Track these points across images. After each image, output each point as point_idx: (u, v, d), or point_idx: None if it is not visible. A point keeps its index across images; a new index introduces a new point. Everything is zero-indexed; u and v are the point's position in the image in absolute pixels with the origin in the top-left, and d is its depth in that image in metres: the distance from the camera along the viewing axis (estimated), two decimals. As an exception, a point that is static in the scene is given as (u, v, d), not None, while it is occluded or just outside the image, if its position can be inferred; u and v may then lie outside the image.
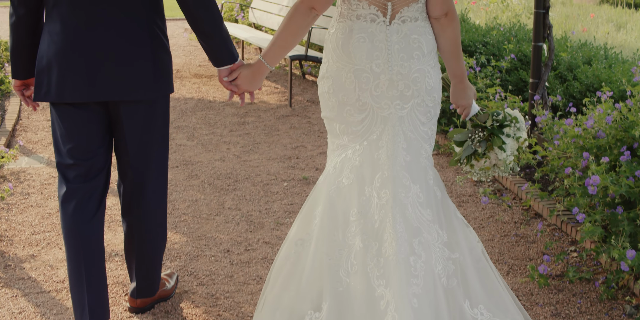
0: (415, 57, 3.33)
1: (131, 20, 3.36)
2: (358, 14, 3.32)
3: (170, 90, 3.59)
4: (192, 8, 3.38)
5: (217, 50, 3.47)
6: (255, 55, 12.48)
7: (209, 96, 9.36)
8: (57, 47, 3.32)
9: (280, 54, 3.43)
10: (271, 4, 11.14)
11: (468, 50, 8.56)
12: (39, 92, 3.40)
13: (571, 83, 7.07)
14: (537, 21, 6.18)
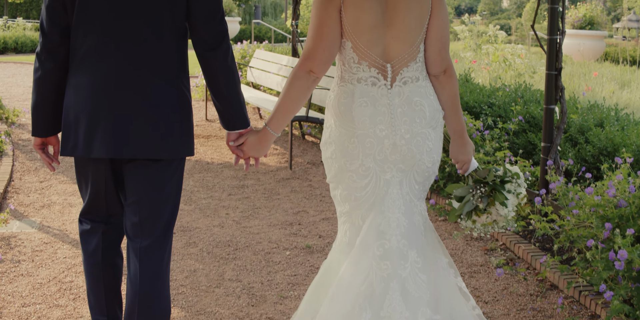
0: (418, 121, 3.34)
1: (161, 78, 3.36)
2: (359, 77, 3.33)
3: (191, 152, 3.57)
4: (216, 72, 3.41)
5: (232, 114, 3.48)
6: (254, 115, 12.36)
7: (206, 157, 9.14)
8: (86, 102, 3.31)
9: (285, 120, 3.43)
10: (270, 63, 11.03)
11: (473, 112, 8.38)
12: (66, 146, 3.39)
13: (583, 146, 6.84)
14: (549, 83, 5.99)
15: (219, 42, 3.39)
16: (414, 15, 3.32)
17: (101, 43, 3.31)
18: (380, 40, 3.31)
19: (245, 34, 39.22)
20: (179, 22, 3.38)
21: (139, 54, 3.33)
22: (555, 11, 5.85)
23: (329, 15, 3.28)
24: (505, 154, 6.59)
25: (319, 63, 3.30)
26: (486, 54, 14.42)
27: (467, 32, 23.60)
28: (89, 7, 3.29)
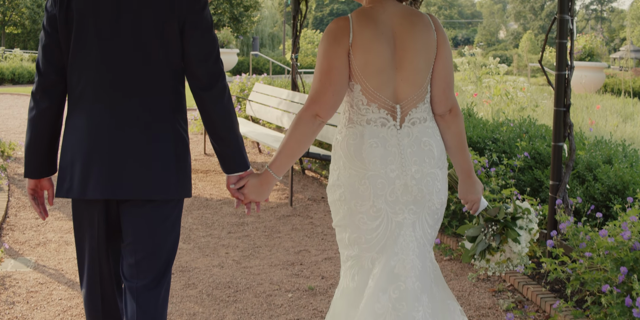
0: (427, 161, 3.34)
1: (157, 119, 3.32)
2: (368, 118, 3.32)
3: (188, 193, 3.49)
4: (213, 112, 3.37)
5: (230, 157, 3.44)
6: (253, 149, 12.23)
7: (205, 193, 8.98)
8: (82, 143, 3.28)
9: (288, 164, 3.39)
10: (269, 97, 10.94)
11: (477, 147, 8.23)
12: (62, 187, 3.35)
13: (591, 184, 6.69)
14: (557, 120, 5.85)
15: (214, 82, 3.36)
16: (422, 57, 3.34)
17: (97, 83, 3.28)
18: (389, 82, 3.32)
19: (243, 65, 39.29)
20: (175, 63, 3.35)
21: (135, 94, 3.29)
22: (563, 46, 5.73)
23: (338, 59, 3.29)
24: (511, 192, 6.45)
25: (326, 107, 3.28)
26: (487, 87, 14.33)
27: (467, 64, 23.56)
28: (85, 48, 3.27)
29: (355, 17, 3.34)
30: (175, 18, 3.28)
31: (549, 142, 7.86)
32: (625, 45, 47.47)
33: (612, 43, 71.67)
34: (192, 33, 3.30)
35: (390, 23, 3.34)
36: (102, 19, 3.25)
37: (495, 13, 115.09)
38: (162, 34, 3.28)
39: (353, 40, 3.28)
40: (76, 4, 3.25)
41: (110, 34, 3.25)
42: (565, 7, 5.67)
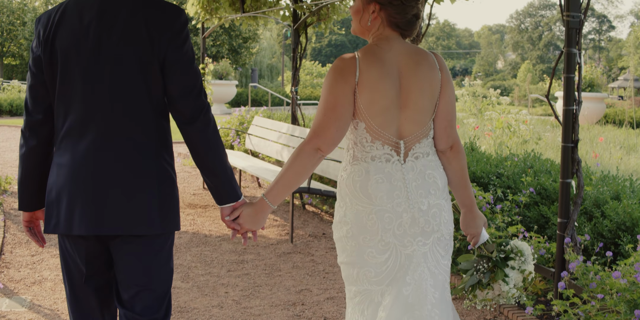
0: (433, 193, 3.39)
1: (140, 154, 3.33)
2: (373, 155, 3.37)
3: (176, 227, 3.49)
4: (198, 145, 3.39)
5: (220, 188, 3.45)
6: (252, 183, 12.08)
7: (204, 230, 8.82)
8: (66, 179, 3.31)
9: (284, 193, 3.42)
10: (269, 130, 10.82)
11: (481, 182, 8.09)
12: (49, 224, 3.37)
13: (599, 220, 6.54)
14: (565, 156, 5.71)
15: (197, 116, 3.35)
16: (426, 96, 3.40)
17: (81, 121, 3.32)
18: (393, 121, 3.37)
19: (242, 97, 39.28)
20: (158, 100, 3.37)
21: (117, 131, 3.32)
22: (571, 80, 5.60)
23: (345, 96, 3.33)
24: (518, 229, 6.30)
25: (328, 142, 3.33)
26: (489, 119, 14.25)
27: (467, 96, 23.53)
28: (69, 88, 3.32)
29: (362, 55, 3.38)
30: (155, 55, 3.29)
31: (555, 177, 7.72)
32: (624, 74, 47.61)
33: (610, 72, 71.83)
34: (172, 69, 3.31)
35: (396, 62, 3.38)
36: (84, 59, 3.28)
37: (493, 43, 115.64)
38: (144, 72, 3.30)
39: (359, 79, 3.32)
40: (60, 44, 3.31)
41: (92, 74, 3.29)
42: (572, 40, 5.56)
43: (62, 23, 3.32)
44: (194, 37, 43.59)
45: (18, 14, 50.94)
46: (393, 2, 3.38)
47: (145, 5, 3.34)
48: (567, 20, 5.53)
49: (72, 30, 3.30)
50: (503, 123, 12.83)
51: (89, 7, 3.31)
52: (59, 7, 3.38)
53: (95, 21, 3.29)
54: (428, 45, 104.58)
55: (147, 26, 3.29)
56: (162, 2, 3.40)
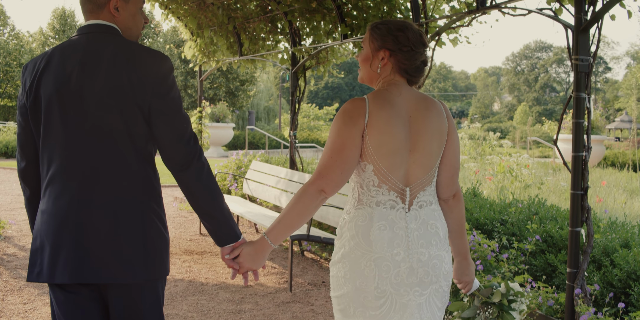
0: (434, 243, 3.40)
1: (124, 202, 3.30)
2: (378, 200, 3.37)
3: (164, 272, 3.43)
4: (192, 191, 3.37)
5: (218, 229, 3.45)
6: (250, 228, 11.87)
7: (200, 277, 8.57)
8: (50, 227, 3.27)
9: (285, 233, 3.42)
10: (267, 175, 10.65)
11: (485, 229, 7.90)
12: (32, 272, 3.33)
13: (609, 269, 6.34)
14: (575, 204, 5.53)
15: (189, 162, 3.35)
16: (435, 141, 3.44)
17: (64, 169, 3.30)
18: (402, 164, 3.38)
19: (239, 140, 39.20)
20: (142, 148, 3.35)
21: (100, 179, 3.29)
22: (580, 126, 5.44)
23: (352, 138, 3.34)
24: (525, 279, 6.09)
25: (333, 184, 3.34)
26: (490, 163, 14.12)
27: (466, 139, 23.44)
28: (52, 136, 3.31)
29: (372, 98, 3.40)
30: (138, 104, 3.27)
31: (561, 224, 7.54)
32: (621, 116, 47.73)
33: (607, 113, 72.09)
34: (159, 117, 3.29)
35: (405, 106, 3.41)
36: (67, 107, 3.27)
37: (489, 85, 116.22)
38: (126, 120, 3.27)
39: (369, 121, 3.34)
40: (43, 93, 3.31)
41: (75, 122, 3.27)
42: (581, 84, 5.42)
43: (46, 71, 3.33)
44: (191, 79, 43.72)
45: (15, 55, 51.03)
46: (403, 49, 3.46)
47: (129, 52, 3.32)
48: (576, 64, 5.39)
49: (56, 78, 3.29)
50: (504, 167, 12.69)
51: (73, 55, 3.32)
52: (45, 55, 3.40)
53: (77, 69, 3.28)
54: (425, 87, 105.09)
55: (129, 74, 3.25)
56: (146, 49, 3.37)
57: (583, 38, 5.40)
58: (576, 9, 5.41)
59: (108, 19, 3.44)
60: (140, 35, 3.64)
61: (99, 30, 3.40)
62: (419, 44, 3.49)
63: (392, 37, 3.47)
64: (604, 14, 5.28)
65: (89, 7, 3.44)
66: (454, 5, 7.78)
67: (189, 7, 12.54)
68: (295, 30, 10.74)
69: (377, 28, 3.54)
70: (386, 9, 8.75)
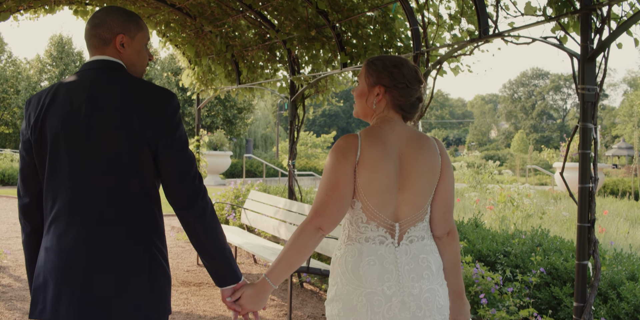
0: (425, 277, 3.38)
1: (129, 242, 3.25)
2: (367, 236, 3.38)
3: (166, 312, 3.39)
4: (195, 230, 3.35)
5: (219, 270, 3.43)
6: (248, 259, 11.71)
7: (198, 310, 8.41)
8: (54, 265, 3.23)
9: (286, 273, 3.43)
10: (265, 205, 10.51)
11: (488, 261, 7.77)
12: (35, 309, 3.29)
13: (615, 302, 6.21)
14: (581, 236, 5.39)
15: (193, 201, 3.34)
16: (426, 180, 3.44)
17: (70, 206, 3.26)
18: (391, 202, 3.39)
19: (236, 168, 39.11)
20: (148, 183, 3.33)
21: (107, 218, 3.25)
22: (586, 157, 5.32)
23: (345, 174, 3.36)
24: (530, 313, 5.94)
25: (329, 221, 3.35)
26: (490, 193, 14.01)
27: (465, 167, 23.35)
28: (57, 171, 3.29)
29: (364, 136, 3.42)
30: (147, 141, 3.27)
31: (566, 256, 7.40)
32: (619, 142, 47.73)
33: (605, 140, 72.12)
34: (166, 155, 3.30)
35: (397, 144, 3.44)
36: (73, 143, 3.26)
37: (486, 113, 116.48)
38: (134, 158, 3.26)
39: (360, 158, 3.36)
40: (49, 128, 3.29)
41: (82, 160, 3.26)
42: (588, 114, 5.30)
43: (52, 106, 3.32)
44: (189, 107, 43.67)
45: (12, 82, 51.14)
46: (398, 85, 3.49)
47: (136, 89, 3.32)
48: (583, 93, 5.29)
49: (62, 114, 3.28)
50: (505, 197, 12.57)
51: (80, 90, 3.31)
52: (50, 89, 3.40)
53: (85, 105, 3.27)
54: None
55: (138, 111, 3.25)
56: (153, 86, 3.37)
57: (589, 67, 5.30)
58: (582, 37, 5.31)
59: (114, 55, 3.45)
60: (144, 71, 3.65)
61: (105, 66, 3.40)
62: (415, 80, 3.52)
63: (387, 73, 3.50)
64: (610, 43, 5.19)
65: (95, 42, 3.46)
66: (455, 34, 7.69)
67: (187, 35, 12.48)
68: (294, 59, 10.66)
69: (373, 64, 3.57)
70: (386, 37, 8.66)
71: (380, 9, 8.49)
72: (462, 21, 7.51)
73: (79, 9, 11.78)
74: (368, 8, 8.69)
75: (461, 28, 7.57)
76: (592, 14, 5.32)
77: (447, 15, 7.69)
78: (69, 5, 11.70)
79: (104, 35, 3.44)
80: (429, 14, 7.77)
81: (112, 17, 3.46)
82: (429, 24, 7.75)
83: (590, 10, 5.30)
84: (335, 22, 9.19)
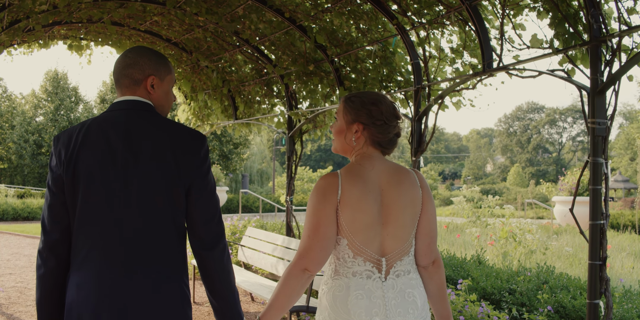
0: (411, 312, 3.40)
1: (164, 281, 3.28)
2: (354, 271, 3.40)
3: None
4: (213, 271, 3.37)
5: (227, 311, 3.43)
6: (245, 296, 11.48)
7: (195, 351, 8.18)
8: (89, 301, 3.22)
9: (278, 315, 3.44)
10: (263, 242, 10.32)
11: (493, 299, 7.57)
12: None
13: (628, 343, 5.99)
14: (593, 275, 5.22)
15: (216, 242, 3.36)
16: (408, 213, 3.46)
17: (106, 244, 3.26)
18: (376, 237, 3.40)
19: (232, 203, 38.88)
20: (180, 223, 3.36)
21: (143, 257, 3.27)
22: (597, 193, 5.17)
23: (327, 216, 3.38)
24: (540, 354, 5.75)
25: (314, 263, 3.37)
26: (492, 228, 13.82)
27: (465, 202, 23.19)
28: (92, 209, 3.29)
29: (345, 174, 3.46)
30: (182, 180, 3.31)
31: (574, 293, 7.21)
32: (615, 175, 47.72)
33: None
34: (197, 196, 3.33)
35: (378, 181, 3.46)
36: (110, 181, 3.28)
37: (482, 147, 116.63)
38: (170, 196, 3.30)
39: (341, 197, 3.39)
40: (83, 166, 3.31)
41: (119, 197, 3.28)
42: (598, 149, 5.16)
43: (86, 143, 3.34)
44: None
45: (7, 117, 51.11)
46: (376, 123, 3.52)
47: (171, 128, 3.39)
48: (593, 127, 5.14)
49: (98, 151, 3.32)
50: (507, 233, 12.39)
51: (115, 128, 3.36)
52: (81, 127, 3.41)
53: (122, 143, 3.32)
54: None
55: (174, 150, 3.33)
56: (186, 128, 3.44)
57: (599, 100, 5.15)
58: (592, 70, 5.18)
59: (144, 95, 3.50)
60: (169, 112, 3.70)
61: (137, 107, 3.45)
62: (392, 117, 3.56)
63: (365, 111, 3.53)
64: (622, 76, 5.05)
65: (126, 82, 3.49)
66: (457, 68, 7.55)
67: (183, 70, 12.38)
68: (292, 94, 10.54)
69: (350, 101, 3.60)
70: (386, 71, 8.54)
71: (379, 43, 8.38)
72: (464, 55, 7.38)
73: (74, 43, 11.68)
74: (367, 42, 8.58)
75: (464, 61, 7.44)
76: (601, 46, 5.19)
77: (448, 48, 7.57)
78: (63, 40, 11.61)
79: (136, 76, 3.48)
80: (430, 48, 7.65)
81: (145, 59, 3.51)
82: (430, 57, 7.63)
83: (600, 42, 5.18)
84: (333, 57, 9.09)
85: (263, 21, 9.50)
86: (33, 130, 50.77)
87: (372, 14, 8.07)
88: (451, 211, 31.34)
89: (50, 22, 10.06)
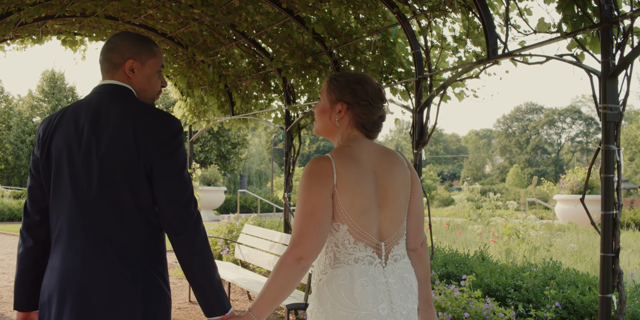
0: (410, 297, 3.40)
1: (127, 264, 3.27)
2: (356, 257, 3.32)
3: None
4: (185, 256, 3.34)
5: (206, 299, 3.40)
6: (242, 295, 11.27)
7: (190, 349, 7.97)
8: (56, 282, 3.27)
9: (270, 308, 3.32)
10: (260, 239, 10.11)
11: (498, 296, 7.37)
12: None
13: (639, 340, 5.78)
14: (605, 267, 5.02)
15: (185, 226, 3.31)
16: (401, 194, 3.44)
17: (70, 226, 3.30)
18: (375, 221, 3.35)
19: (230, 203, 38.71)
20: (146, 206, 3.34)
21: (105, 239, 3.27)
22: (609, 181, 4.95)
23: (323, 200, 3.28)
24: (548, 352, 5.53)
25: (310, 250, 3.24)
26: (494, 225, 13.65)
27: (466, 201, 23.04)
28: (61, 192, 3.34)
29: (336, 157, 3.37)
30: (142, 162, 3.29)
31: (582, 289, 7.00)
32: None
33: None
34: (160, 177, 3.30)
35: (370, 162, 3.41)
36: (74, 164, 3.32)
37: (480, 148, 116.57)
38: (130, 180, 3.28)
39: (338, 181, 3.30)
40: (55, 148, 3.37)
41: (81, 180, 3.30)
42: (610, 136, 4.93)
43: (58, 127, 3.41)
44: (182, 141, 43.38)
45: (3, 118, 50.95)
46: (360, 102, 3.45)
47: (137, 112, 3.36)
48: (604, 113, 4.92)
49: (67, 134, 3.37)
50: (510, 229, 12.21)
51: (86, 112, 3.38)
52: (61, 111, 3.49)
53: (88, 126, 3.34)
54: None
55: (135, 132, 3.28)
56: (155, 110, 3.40)
57: (611, 85, 4.93)
58: (602, 53, 4.95)
59: (123, 79, 3.51)
60: (156, 97, 3.67)
61: (112, 90, 3.46)
62: (378, 98, 3.49)
63: (350, 90, 3.46)
64: (634, 58, 4.82)
65: (106, 66, 3.53)
66: (460, 57, 7.33)
67: (179, 66, 12.20)
68: (290, 87, 10.35)
69: (335, 80, 3.53)
70: (386, 62, 8.32)
71: (379, 33, 8.17)
72: (467, 43, 7.16)
73: (68, 39, 11.49)
74: (367, 32, 8.36)
75: (467, 50, 7.22)
76: (612, 28, 4.96)
77: (450, 37, 7.35)
78: (57, 35, 11.41)
79: (115, 60, 3.50)
80: (432, 37, 7.43)
81: (124, 42, 3.52)
82: (432, 47, 7.41)
83: (611, 24, 4.95)
84: (332, 48, 8.89)
85: (260, 13, 9.30)
86: (30, 131, 50.59)
87: (371, 2, 7.86)
88: (450, 212, 31.21)
89: (42, 16, 9.87)
